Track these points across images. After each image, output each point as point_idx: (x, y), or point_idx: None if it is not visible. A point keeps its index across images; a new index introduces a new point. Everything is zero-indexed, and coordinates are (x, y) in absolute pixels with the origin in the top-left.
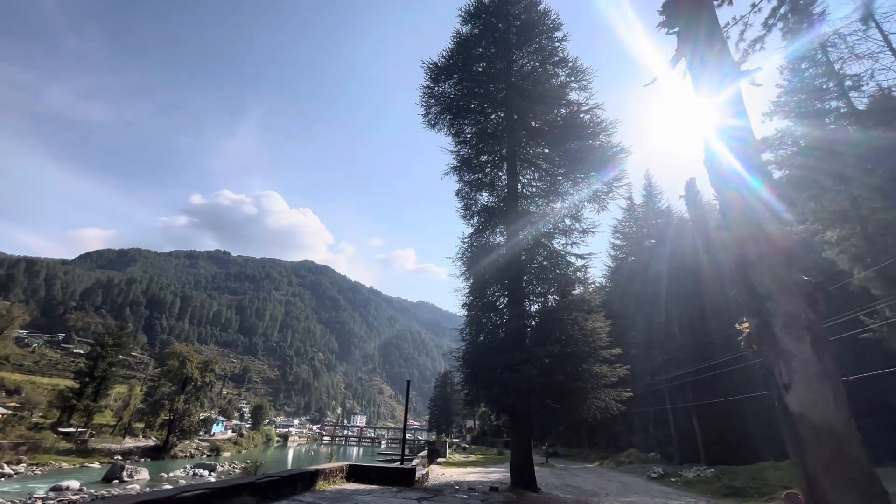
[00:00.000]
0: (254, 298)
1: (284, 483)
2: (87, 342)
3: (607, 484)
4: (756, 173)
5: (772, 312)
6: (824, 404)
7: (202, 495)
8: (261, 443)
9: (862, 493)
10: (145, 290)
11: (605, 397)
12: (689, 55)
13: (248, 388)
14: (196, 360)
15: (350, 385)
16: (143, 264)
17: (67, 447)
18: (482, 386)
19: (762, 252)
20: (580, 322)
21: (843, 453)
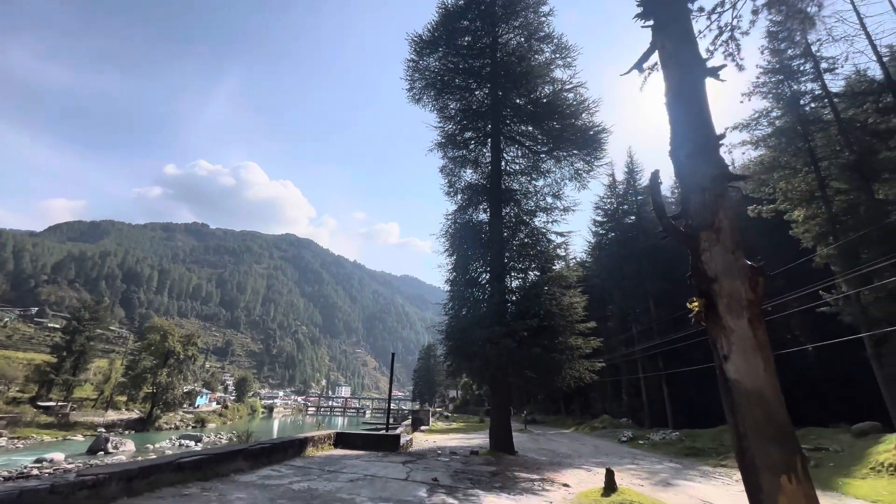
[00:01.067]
0: (234, 272)
1: (276, 449)
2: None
3: (580, 447)
4: (713, 167)
5: (717, 293)
6: (756, 373)
7: (200, 461)
8: (246, 414)
9: (780, 448)
10: (121, 263)
11: (579, 367)
12: (660, 49)
13: (232, 361)
14: (177, 334)
15: (334, 358)
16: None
17: (48, 421)
18: (464, 358)
19: (713, 239)
20: (558, 297)
21: (768, 415)
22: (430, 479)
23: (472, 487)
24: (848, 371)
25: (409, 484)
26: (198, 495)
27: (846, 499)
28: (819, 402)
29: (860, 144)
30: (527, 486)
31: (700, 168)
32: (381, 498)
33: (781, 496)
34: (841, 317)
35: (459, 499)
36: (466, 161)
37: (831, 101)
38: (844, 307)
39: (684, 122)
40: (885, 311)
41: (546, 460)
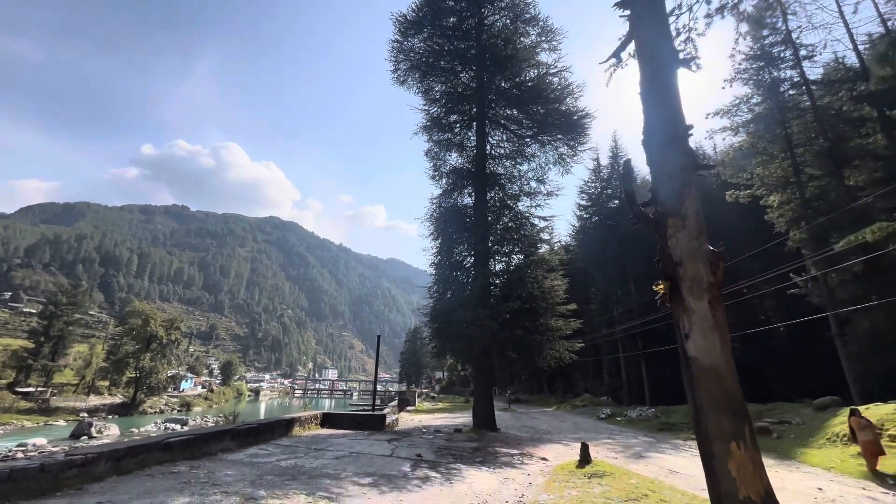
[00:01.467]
0: (217, 255)
1: (263, 429)
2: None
3: (561, 424)
4: (682, 156)
5: (681, 276)
6: (713, 350)
7: (188, 440)
8: (232, 397)
9: (732, 418)
10: (98, 246)
11: (559, 348)
12: (636, 39)
13: (217, 345)
14: (160, 318)
15: (321, 341)
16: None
17: (28, 406)
18: (448, 339)
19: (679, 226)
20: (540, 280)
21: (722, 388)
22: (414, 454)
23: (454, 462)
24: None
25: (394, 460)
26: (186, 473)
27: (802, 466)
28: (789, 378)
29: (834, 132)
30: (507, 461)
31: (669, 157)
32: (366, 473)
33: (731, 461)
34: (809, 298)
35: (442, 472)
36: (452, 144)
37: (808, 89)
38: (813, 289)
39: (656, 113)
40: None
41: (527, 436)
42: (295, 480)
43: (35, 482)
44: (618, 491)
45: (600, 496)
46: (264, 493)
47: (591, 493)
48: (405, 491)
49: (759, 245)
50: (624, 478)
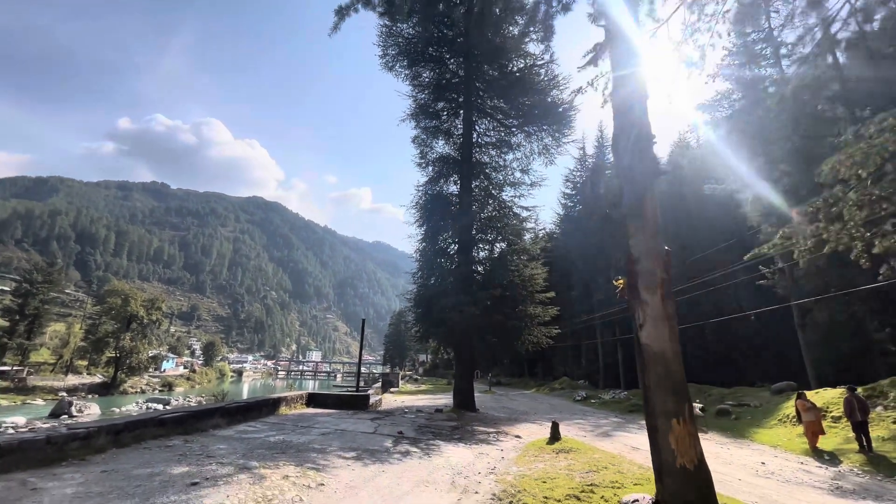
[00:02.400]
0: (199, 234)
1: (251, 408)
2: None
3: (537, 406)
4: (645, 163)
5: (638, 273)
6: (662, 338)
7: (181, 417)
8: (214, 378)
9: (674, 398)
10: (73, 223)
11: (537, 333)
12: (610, 49)
13: (198, 325)
14: (140, 297)
15: (305, 323)
16: (66, 194)
17: (4, 385)
18: (431, 324)
19: (639, 227)
20: (520, 269)
21: (668, 371)
22: (396, 432)
23: (433, 439)
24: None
25: (377, 436)
26: (181, 446)
27: (752, 444)
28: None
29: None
30: (483, 438)
31: (634, 165)
32: (350, 448)
33: (671, 434)
34: (776, 289)
35: (421, 448)
36: (439, 132)
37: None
38: (779, 280)
39: (624, 121)
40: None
41: (504, 416)
42: (283, 454)
43: (42, 452)
44: (581, 464)
45: (564, 468)
46: (256, 464)
47: (557, 466)
48: (386, 463)
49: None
50: (589, 453)
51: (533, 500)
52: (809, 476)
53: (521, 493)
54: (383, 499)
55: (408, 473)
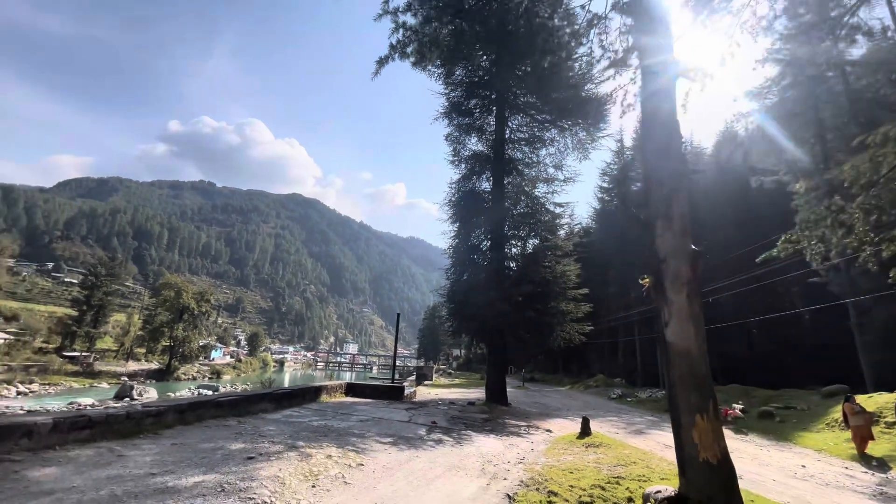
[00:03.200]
0: (242, 231)
1: (295, 395)
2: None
3: (571, 402)
4: (673, 163)
5: (664, 272)
6: (688, 337)
7: (235, 400)
8: (258, 367)
9: (699, 394)
10: (131, 220)
11: (569, 330)
12: (637, 49)
13: (243, 317)
14: (191, 290)
15: (342, 316)
16: (124, 194)
17: (74, 369)
18: (464, 319)
19: (666, 227)
20: (553, 265)
21: (692, 369)
22: (430, 422)
23: (465, 429)
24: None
25: (411, 425)
26: (236, 426)
27: (795, 447)
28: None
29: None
30: (514, 431)
31: (661, 164)
32: (386, 434)
33: (695, 430)
34: (830, 287)
35: (453, 437)
36: (471, 128)
37: (843, 72)
38: (834, 278)
39: (653, 121)
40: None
41: (536, 411)
42: (326, 437)
43: (123, 426)
44: (610, 458)
45: (593, 461)
46: (303, 444)
47: (586, 459)
48: (420, 449)
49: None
50: (619, 448)
51: (559, 487)
52: (852, 481)
53: (548, 482)
54: (417, 480)
55: (440, 459)
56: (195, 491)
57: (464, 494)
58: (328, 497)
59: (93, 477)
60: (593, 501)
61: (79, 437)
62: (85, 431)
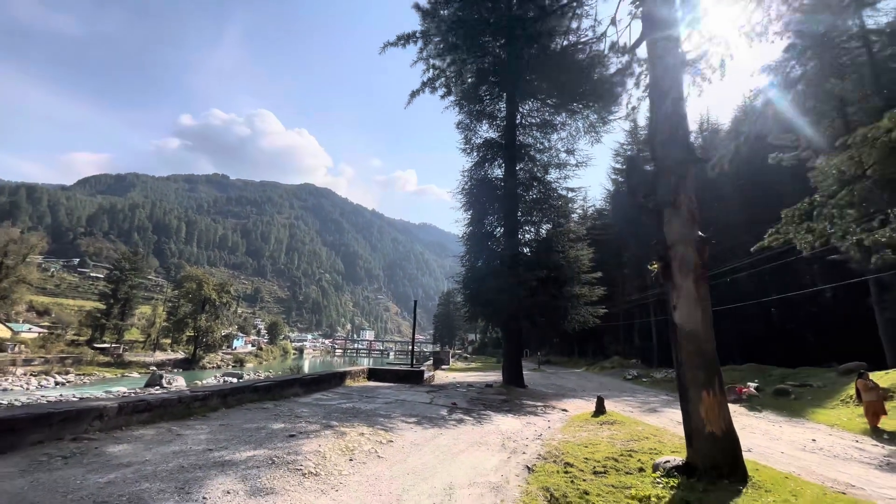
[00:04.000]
0: (257, 222)
1: (322, 380)
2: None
3: (586, 383)
4: (681, 152)
5: (672, 258)
6: (695, 319)
7: (269, 385)
8: (279, 355)
9: (705, 372)
10: (149, 215)
11: (584, 313)
12: (647, 40)
13: (262, 307)
14: (212, 282)
15: (357, 303)
16: (142, 189)
17: (106, 360)
18: (479, 305)
19: (673, 214)
20: (566, 250)
21: (699, 349)
22: (450, 403)
23: (484, 410)
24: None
25: (433, 406)
26: (273, 409)
27: (808, 423)
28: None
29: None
30: (531, 410)
31: (668, 153)
32: (411, 414)
33: (701, 405)
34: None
35: (474, 417)
36: (482, 115)
37: (867, 41)
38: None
39: (661, 112)
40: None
41: (552, 393)
42: (356, 417)
43: (176, 409)
44: (623, 434)
45: (607, 437)
46: (336, 423)
47: (600, 435)
48: (444, 428)
49: None
50: (632, 425)
51: (574, 460)
52: (860, 453)
53: (565, 455)
54: (443, 454)
55: (463, 436)
56: (250, 463)
57: (487, 466)
58: (365, 468)
59: (160, 452)
60: (607, 471)
61: (140, 419)
62: (145, 414)
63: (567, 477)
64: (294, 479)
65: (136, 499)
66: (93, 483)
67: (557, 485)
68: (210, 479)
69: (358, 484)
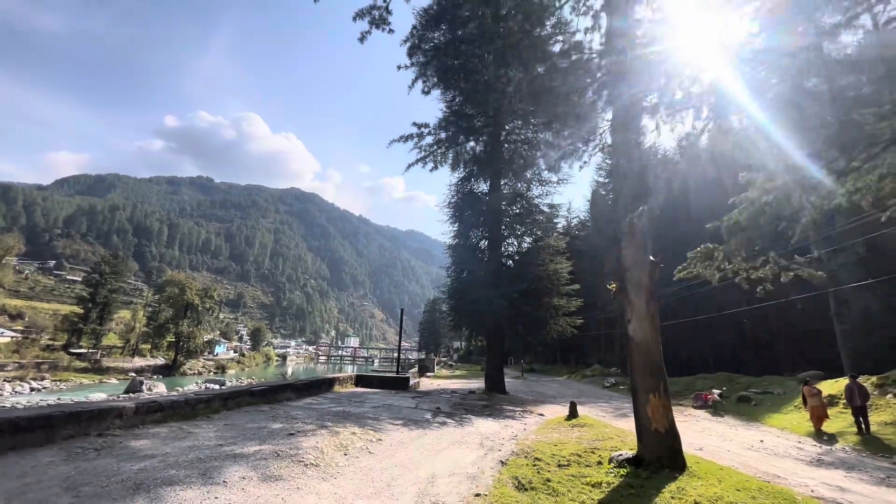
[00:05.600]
0: (242, 226)
1: (312, 385)
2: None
3: (566, 390)
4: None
5: (628, 279)
6: (645, 332)
7: (265, 390)
8: (262, 362)
9: (653, 378)
10: (130, 217)
11: (562, 323)
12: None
13: (244, 312)
14: (195, 287)
15: (343, 310)
16: (123, 190)
17: (83, 366)
18: (464, 315)
19: (629, 242)
20: (546, 264)
21: (648, 358)
22: (434, 407)
23: (466, 414)
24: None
25: (418, 410)
26: (270, 411)
27: (761, 427)
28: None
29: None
30: (510, 415)
31: (624, 188)
32: (397, 418)
33: (648, 405)
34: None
35: (456, 420)
36: (470, 132)
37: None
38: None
39: (620, 152)
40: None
41: (531, 399)
42: (347, 419)
43: (183, 410)
44: (591, 435)
45: (575, 438)
46: (330, 424)
47: (570, 436)
48: (428, 429)
49: None
50: (600, 428)
51: (543, 455)
52: (798, 451)
53: (535, 452)
54: (427, 451)
55: (445, 436)
56: (258, 456)
57: (466, 461)
58: (358, 461)
59: (177, 447)
60: (570, 464)
61: (153, 418)
62: (157, 414)
63: (534, 468)
64: (298, 469)
65: (168, 481)
66: (128, 469)
67: (525, 474)
68: (226, 468)
69: (353, 473)
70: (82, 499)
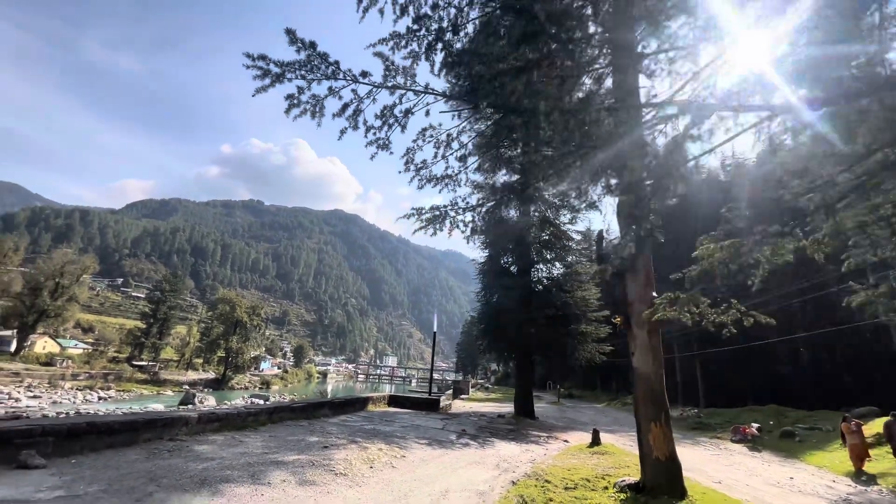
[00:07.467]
0: (288, 246)
1: (348, 403)
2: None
3: (600, 418)
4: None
5: (631, 313)
6: (647, 364)
7: (304, 406)
8: (303, 378)
9: (655, 407)
10: (188, 238)
11: (590, 350)
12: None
13: (288, 329)
14: (244, 305)
15: (381, 329)
16: (183, 213)
17: (143, 377)
18: (494, 339)
19: (633, 279)
20: (574, 290)
21: (650, 388)
22: (460, 429)
23: (490, 437)
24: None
25: (444, 431)
26: (308, 426)
27: (798, 464)
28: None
29: None
30: (534, 440)
31: (630, 228)
32: (423, 437)
33: (650, 434)
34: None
35: (479, 442)
36: (500, 160)
37: None
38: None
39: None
40: None
41: (561, 425)
42: (376, 436)
43: (234, 422)
44: (608, 462)
45: (592, 464)
46: (360, 440)
47: (587, 463)
48: (450, 449)
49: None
50: (620, 456)
51: (553, 478)
52: (827, 490)
53: (547, 475)
54: (445, 468)
55: (465, 457)
56: (296, 464)
57: (479, 479)
58: (382, 474)
59: (231, 452)
60: (576, 487)
61: (212, 428)
62: (215, 423)
63: (541, 489)
64: (329, 476)
65: (225, 479)
66: (193, 468)
67: (531, 493)
68: (270, 472)
69: (376, 483)
70: (162, 488)
